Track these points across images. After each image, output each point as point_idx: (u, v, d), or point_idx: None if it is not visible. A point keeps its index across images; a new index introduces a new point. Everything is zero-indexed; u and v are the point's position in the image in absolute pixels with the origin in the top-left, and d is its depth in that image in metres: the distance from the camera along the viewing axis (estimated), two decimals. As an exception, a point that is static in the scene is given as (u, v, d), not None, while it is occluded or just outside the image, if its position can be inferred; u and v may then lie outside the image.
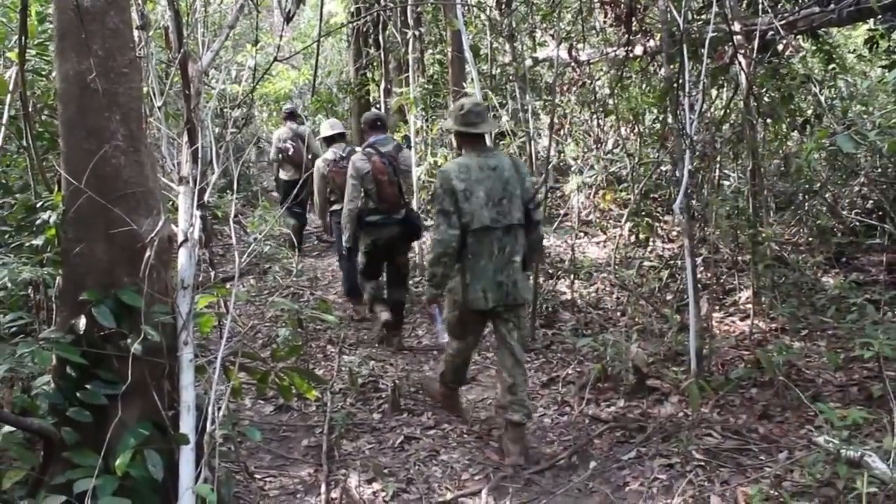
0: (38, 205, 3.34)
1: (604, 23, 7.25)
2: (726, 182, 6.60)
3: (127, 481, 2.49)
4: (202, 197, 3.15)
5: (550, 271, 6.27)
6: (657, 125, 6.69)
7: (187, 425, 2.61)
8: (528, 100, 6.57)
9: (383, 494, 3.45)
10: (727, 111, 5.68)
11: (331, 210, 6.36)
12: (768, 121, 5.78)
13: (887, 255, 5.50)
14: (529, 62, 7.71)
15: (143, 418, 2.66)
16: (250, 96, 9.21)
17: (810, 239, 6.18)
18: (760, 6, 5.01)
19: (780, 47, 5.41)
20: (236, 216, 8.32)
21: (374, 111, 6.20)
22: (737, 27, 4.80)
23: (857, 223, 6.14)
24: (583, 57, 7.12)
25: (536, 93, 8.20)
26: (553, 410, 4.32)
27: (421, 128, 7.04)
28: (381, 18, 10.13)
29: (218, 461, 2.60)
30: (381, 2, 9.79)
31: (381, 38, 10.31)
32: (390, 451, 3.93)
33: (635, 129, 7.51)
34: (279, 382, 3.20)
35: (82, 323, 2.59)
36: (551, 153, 6.61)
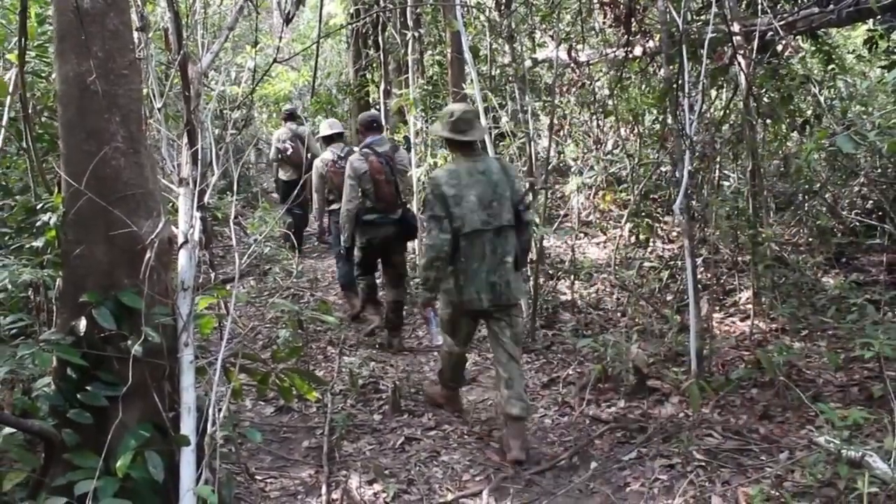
0: (38, 206, 3.33)
1: (603, 24, 7.25)
2: (726, 182, 6.59)
3: (128, 483, 2.49)
4: (202, 198, 3.15)
5: (550, 272, 6.27)
6: (657, 126, 6.69)
7: (188, 427, 2.60)
8: (527, 101, 6.56)
9: (384, 495, 3.45)
10: (727, 112, 5.68)
11: (329, 210, 6.37)
12: (768, 121, 5.78)
13: (887, 256, 5.50)
14: (529, 63, 7.70)
15: (143, 420, 2.66)
16: (250, 98, 9.21)
17: (810, 239, 6.17)
18: (760, 7, 5.01)
19: (779, 48, 5.41)
20: (236, 218, 8.31)
21: (369, 112, 6.22)
22: (736, 28, 4.80)
23: (857, 223, 6.15)
24: (582, 58, 7.12)
25: (536, 94, 8.19)
26: (554, 411, 4.32)
27: (421, 129, 7.04)
28: (380, 19, 10.13)
29: (219, 462, 2.60)
30: (381, 3, 9.80)
31: (380, 40, 10.31)
32: (391, 452, 3.93)
33: (635, 130, 7.51)
34: (280, 384, 3.20)
35: (83, 324, 2.59)
36: (551, 154, 6.62)
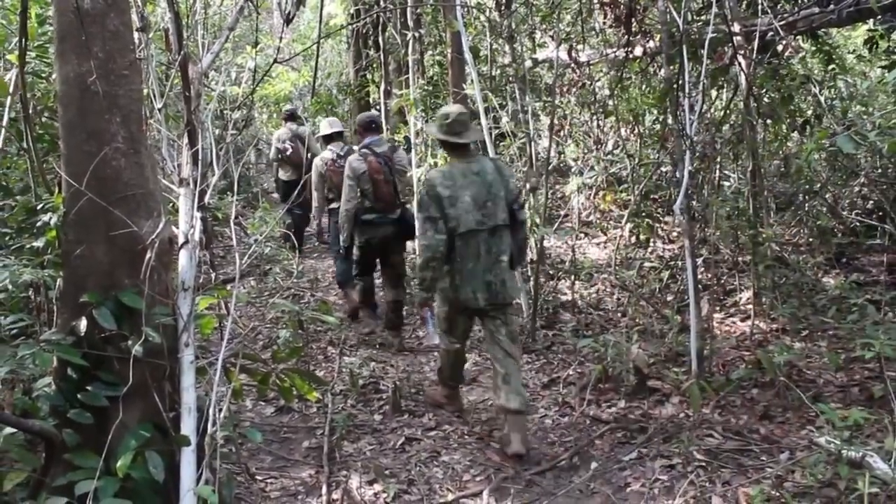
0: (39, 207, 3.33)
1: (603, 24, 7.25)
2: (726, 183, 6.59)
3: (128, 483, 2.49)
4: (202, 199, 3.15)
5: (551, 272, 6.27)
6: (657, 126, 6.69)
7: (188, 427, 2.60)
8: (527, 101, 6.55)
9: (384, 495, 3.45)
10: (727, 112, 5.68)
11: (329, 208, 6.38)
12: (768, 121, 5.78)
13: (888, 256, 5.50)
14: (529, 63, 7.70)
15: (144, 420, 2.66)
16: (250, 98, 9.21)
17: (811, 239, 6.17)
18: (760, 7, 5.01)
19: (779, 48, 5.41)
20: (237, 218, 8.31)
21: (368, 113, 6.25)
22: (736, 28, 4.80)
23: (857, 224, 6.14)
24: (582, 58, 7.12)
25: (536, 94, 8.19)
26: (554, 411, 4.32)
27: (421, 129, 7.04)
28: (380, 20, 10.14)
29: (219, 463, 2.60)
30: (381, 3, 9.81)
31: (380, 40, 10.31)
32: (391, 453, 3.93)
33: (635, 130, 7.51)
34: (280, 384, 3.20)
35: (83, 325, 2.59)
36: (551, 154, 6.61)
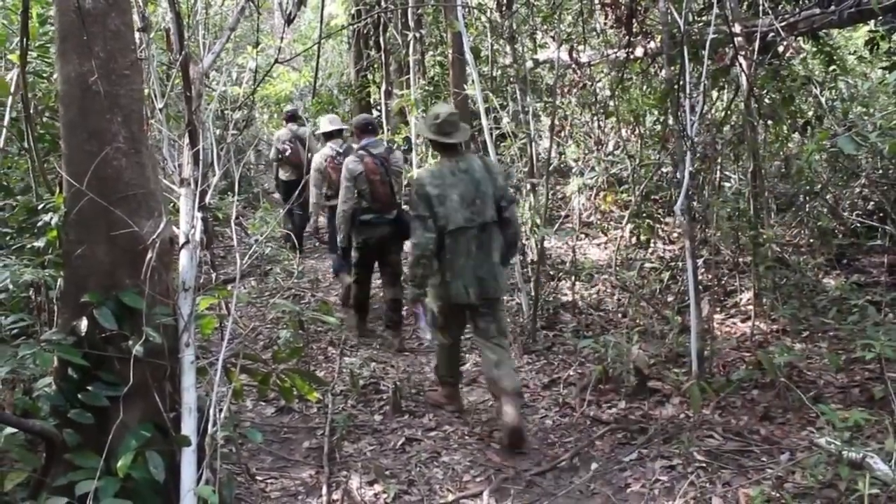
0: (40, 207, 3.33)
1: (604, 24, 7.26)
2: (727, 183, 6.59)
3: (128, 483, 2.49)
4: (203, 199, 3.15)
5: (551, 273, 6.27)
6: (658, 127, 6.69)
7: (189, 427, 2.60)
8: (528, 101, 6.55)
9: (385, 496, 3.45)
10: (728, 113, 5.68)
11: (328, 205, 6.38)
12: (769, 122, 5.78)
13: (888, 257, 5.50)
14: (530, 64, 7.70)
15: (144, 420, 2.66)
16: (251, 98, 9.22)
17: (811, 240, 6.16)
18: (761, 8, 5.01)
19: (780, 49, 5.41)
20: (237, 218, 8.31)
21: (364, 115, 6.31)
22: (737, 29, 4.80)
23: (858, 224, 6.14)
24: (583, 59, 7.12)
25: (537, 94, 8.19)
26: (554, 412, 4.32)
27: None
28: (381, 20, 10.15)
29: (219, 463, 2.60)
30: (382, 4, 9.81)
31: (381, 40, 10.33)
32: (391, 453, 3.93)
33: (636, 131, 7.50)
34: (280, 384, 3.21)
35: (84, 325, 2.59)
36: (552, 155, 6.61)
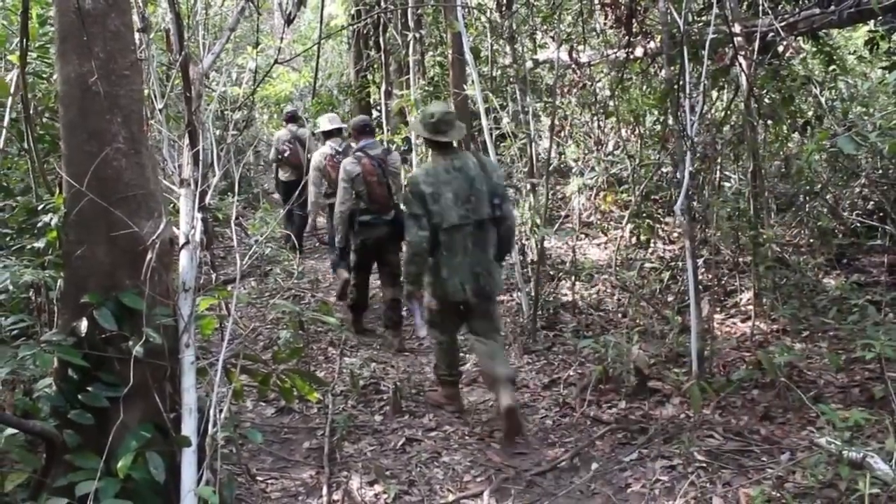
0: (40, 207, 3.33)
1: (604, 25, 7.26)
2: (727, 183, 6.59)
3: (129, 484, 2.49)
4: (203, 199, 3.15)
5: (551, 273, 6.27)
6: (658, 127, 6.69)
7: (189, 428, 2.60)
8: (528, 102, 6.55)
9: (385, 496, 3.45)
10: (728, 113, 5.68)
11: (327, 203, 6.39)
12: (769, 122, 5.78)
13: (888, 257, 5.49)
14: (530, 64, 7.71)
15: (144, 421, 2.66)
16: (251, 99, 9.22)
17: (811, 240, 6.16)
18: (761, 8, 5.01)
19: (780, 49, 5.41)
20: (237, 218, 8.31)
21: (362, 117, 6.32)
22: (737, 29, 4.80)
23: (858, 224, 6.14)
24: (583, 59, 7.13)
25: (537, 95, 8.19)
26: (554, 412, 4.32)
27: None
28: (381, 21, 10.15)
29: (220, 463, 2.60)
30: (382, 4, 9.81)
31: (381, 41, 10.33)
32: (392, 453, 3.93)
33: (636, 131, 7.50)
34: (280, 385, 3.20)
35: (84, 325, 2.59)
36: (552, 155, 6.61)
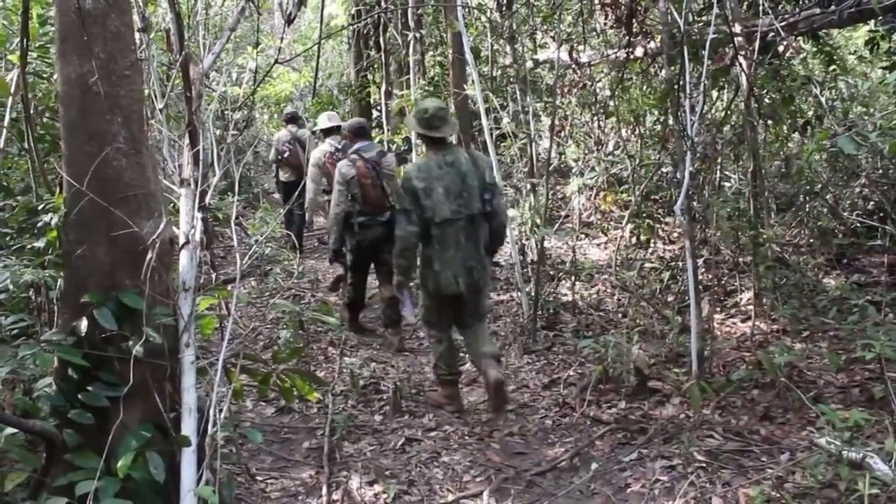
0: (40, 207, 3.33)
1: (604, 25, 7.26)
2: (727, 183, 6.59)
3: (128, 483, 2.49)
4: (203, 199, 3.15)
5: (551, 273, 6.27)
6: (658, 127, 6.69)
7: (189, 427, 2.61)
8: (528, 102, 6.56)
9: (385, 496, 3.45)
10: (728, 113, 5.68)
11: (327, 199, 6.40)
12: (769, 122, 5.78)
13: (888, 257, 5.49)
14: (530, 64, 7.71)
15: (144, 420, 2.66)
16: (251, 99, 9.22)
17: (811, 240, 6.16)
18: (761, 8, 5.01)
19: (780, 49, 5.41)
20: (237, 218, 8.32)
21: (357, 119, 6.32)
22: (737, 29, 4.80)
23: (858, 224, 6.14)
24: (583, 59, 7.13)
25: (537, 95, 8.20)
26: (554, 412, 4.32)
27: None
28: (381, 20, 10.15)
29: (219, 463, 2.60)
30: (382, 4, 9.82)
31: (381, 41, 10.33)
32: (392, 453, 3.93)
33: (636, 131, 7.50)
34: (280, 384, 3.21)
35: (84, 325, 2.59)
36: (552, 155, 6.61)
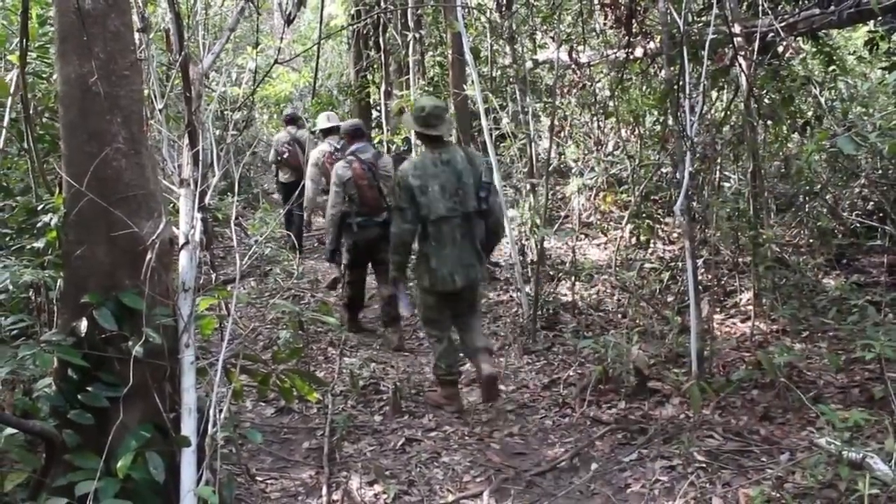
0: (40, 207, 3.33)
1: (604, 25, 7.26)
2: (727, 184, 6.59)
3: (128, 484, 2.49)
4: (203, 199, 3.15)
5: (551, 273, 6.27)
6: (658, 127, 6.69)
7: (189, 428, 2.60)
8: (528, 102, 6.57)
9: (384, 496, 3.45)
10: (728, 113, 5.68)
11: (325, 199, 6.40)
12: (769, 122, 5.77)
13: (888, 257, 5.49)
14: (530, 64, 7.72)
15: (144, 421, 2.66)
16: (251, 99, 9.22)
17: (811, 240, 6.17)
18: (761, 8, 5.01)
19: (780, 49, 5.41)
20: (237, 218, 8.33)
21: (353, 120, 6.32)
22: (737, 29, 4.80)
23: (857, 225, 6.14)
24: (583, 59, 7.12)
25: (537, 95, 8.20)
26: (554, 412, 4.32)
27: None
28: (381, 21, 10.16)
29: (219, 463, 2.60)
30: (382, 4, 9.82)
31: (381, 41, 10.34)
32: (391, 453, 3.93)
33: (636, 131, 7.51)
34: (280, 385, 3.21)
35: (84, 325, 2.59)
36: (552, 155, 6.61)
